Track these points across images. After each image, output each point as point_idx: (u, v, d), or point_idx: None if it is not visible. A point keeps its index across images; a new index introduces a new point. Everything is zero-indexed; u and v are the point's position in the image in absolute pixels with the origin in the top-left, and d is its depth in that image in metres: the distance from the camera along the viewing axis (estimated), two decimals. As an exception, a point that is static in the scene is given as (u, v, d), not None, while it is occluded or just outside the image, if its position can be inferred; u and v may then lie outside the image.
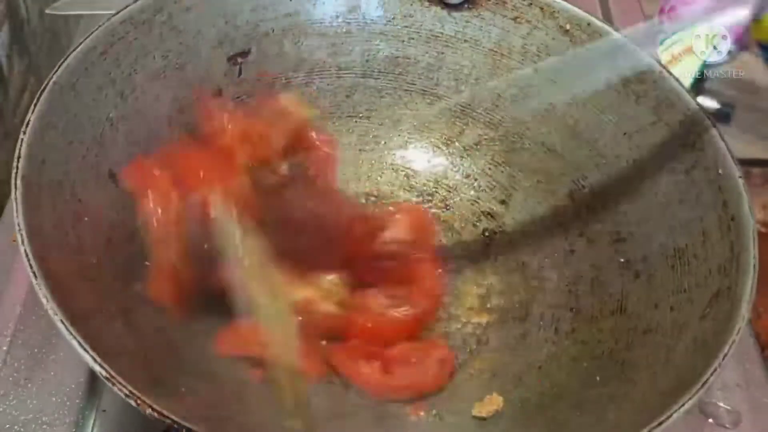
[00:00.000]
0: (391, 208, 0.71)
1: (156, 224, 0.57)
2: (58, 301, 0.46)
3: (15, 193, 0.50)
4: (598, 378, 0.57)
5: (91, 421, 0.58)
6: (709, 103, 0.96)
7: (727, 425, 0.63)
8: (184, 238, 0.57)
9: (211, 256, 0.55)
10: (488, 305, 0.66)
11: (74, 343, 0.44)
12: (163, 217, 0.57)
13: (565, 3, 0.68)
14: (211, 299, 0.56)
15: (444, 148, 0.74)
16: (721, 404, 0.64)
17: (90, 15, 0.85)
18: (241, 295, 0.53)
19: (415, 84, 0.73)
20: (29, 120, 0.53)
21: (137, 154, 0.62)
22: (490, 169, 0.72)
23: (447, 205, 0.73)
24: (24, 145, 0.52)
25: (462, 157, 0.73)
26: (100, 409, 0.59)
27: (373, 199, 0.73)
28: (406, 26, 0.72)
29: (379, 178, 0.74)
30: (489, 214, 0.72)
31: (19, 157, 0.51)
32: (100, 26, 0.60)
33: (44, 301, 0.45)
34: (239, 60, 0.69)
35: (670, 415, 0.45)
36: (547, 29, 0.68)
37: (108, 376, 0.44)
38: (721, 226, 0.57)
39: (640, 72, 0.64)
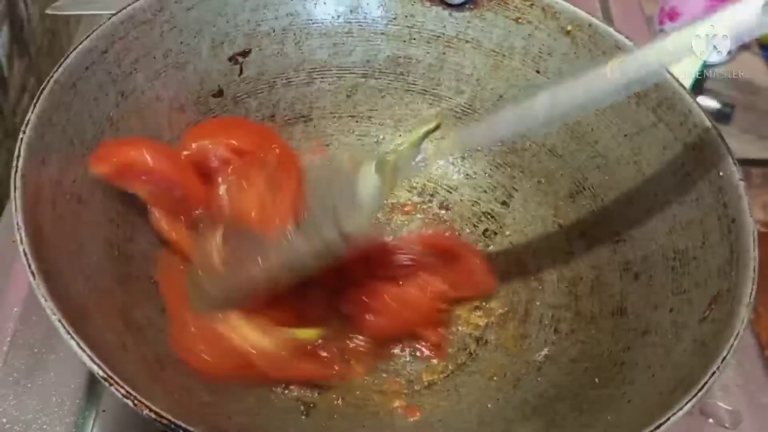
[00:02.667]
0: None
1: None
2: (56, 301, 0.46)
3: (14, 192, 0.50)
4: (597, 379, 0.57)
5: (91, 421, 0.58)
6: (709, 103, 0.96)
7: (727, 425, 0.63)
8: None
9: None
10: (488, 306, 0.66)
11: (72, 342, 0.44)
12: None
13: (566, 4, 0.68)
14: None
15: (445, 148, 0.74)
16: (721, 404, 0.64)
17: (90, 15, 0.85)
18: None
19: (416, 84, 0.73)
20: (29, 119, 0.53)
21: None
22: (490, 169, 0.72)
23: (447, 206, 0.73)
24: (24, 143, 0.52)
25: (463, 157, 0.73)
26: (100, 409, 0.59)
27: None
28: (408, 26, 0.72)
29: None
30: (489, 214, 0.72)
31: (18, 156, 0.52)
32: (101, 25, 0.61)
33: (42, 300, 0.45)
34: (240, 60, 0.69)
35: (669, 418, 0.45)
36: (548, 30, 0.68)
37: (105, 376, 0.44)
38: (721, 228, 0.57)
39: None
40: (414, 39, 0.72)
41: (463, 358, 0.63)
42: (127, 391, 0.43)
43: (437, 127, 0.63)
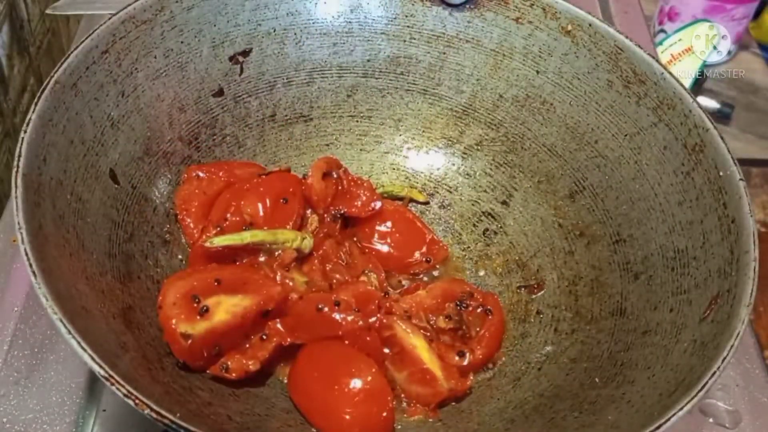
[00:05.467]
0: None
1: None
2: (57, 300, 0.46)
3: (15, 192, 0.50)
4: (597, 379, 0.57)
5: (91, 421, 0.58)
6: (709, 103, 0.96)
7: (727, 425, 0.63)
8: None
9: None
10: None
11: (73, 342, 0.44)
12: None
13: (566, 4, 0.68)
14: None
15: (445, 148, 0.74)
16: (721, 404, 0.64)
17: (90, 15, 0.85)
18: None
19: (416, 84, 0.73)
20: (30, 119, 0.53)
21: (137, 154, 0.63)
22: (490, 169, 0.72)
23: (447, 206, 0.73)
24: (24, 143, 0.52)
25: (463, 157, 0.73)
26: (100, 409, 0.59)
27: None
28: (408, 26, 0.72)
29: (379, 178, 0.74)
30: (489, 214, 0.72)
31: (19, 156, 0.52)
32: (101, 25, 0.61)
33: (43, 300, 0.45)
34: (240, 59, 0.69)
35: (670, 418, 0.45)
36: (548, 30, 0.68)
37: (106, 375, 0.44)
38: (722, 228, 0.57)
39: (641, 73, 0.64)
40: (414, 39, 0.72)
41: (464, 357, 0.63)
42: (129, 391, 0.43)
43: None
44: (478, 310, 0.64)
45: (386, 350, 0.60)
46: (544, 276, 0.67)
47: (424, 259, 0.69)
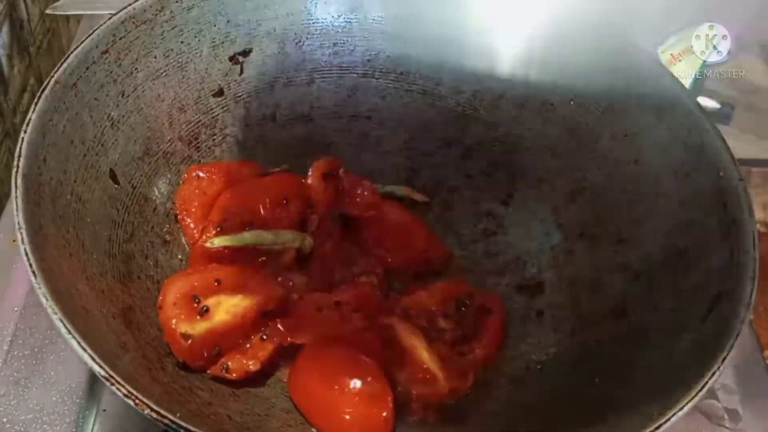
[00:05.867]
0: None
1: None
2: (57, 300, 0.46)
3: (15, 192, 0.50)
4: (597, 379, 0.57)
5: (91, 421, 0.58)
6: (709, 103, 0.96)
7: (727, 425, 0.63)
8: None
9: None
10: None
11: (73, 342, 0.44)
12: None
13: (566, 4, 0.68)
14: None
15: (445, 148, 0.74)
16: (721, 404, 0.64)
17: (90, 15, 0.85)
18: None
19: (416, 84, 0.73)
20: (30, 119, 0.53)
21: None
22: (490, 169, 0.72)
23: (448, 206, 0.73)
24: (25, 143, 0.52)
25: (463, 157, 0.73)
26: (100, 409, 0.59)
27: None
28: (408, 26, 0.72)
29: (379, 178, 0.74)
30: (489, 214, 0.72)
31: (20, 156, 0.52)
32: (101, 25, 0.61)
33: (43, 300, 0.45)
34: (240, 59, 0.69)
35: (669, 418, 0.45)
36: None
37: (106, 375, 0.44)
38: (721, 228, 0.57)
39: (641, 73, 0.64)
40: (414, 38, 0.72)
41: (464, 358, 0.63)
42: (129, 391, 0.43)
43: None
44: (478, 310, 0.64)
45: (386, 350, 0.60)
46: (544, 276, 0.67)
47: (424, 259, 0.69)
